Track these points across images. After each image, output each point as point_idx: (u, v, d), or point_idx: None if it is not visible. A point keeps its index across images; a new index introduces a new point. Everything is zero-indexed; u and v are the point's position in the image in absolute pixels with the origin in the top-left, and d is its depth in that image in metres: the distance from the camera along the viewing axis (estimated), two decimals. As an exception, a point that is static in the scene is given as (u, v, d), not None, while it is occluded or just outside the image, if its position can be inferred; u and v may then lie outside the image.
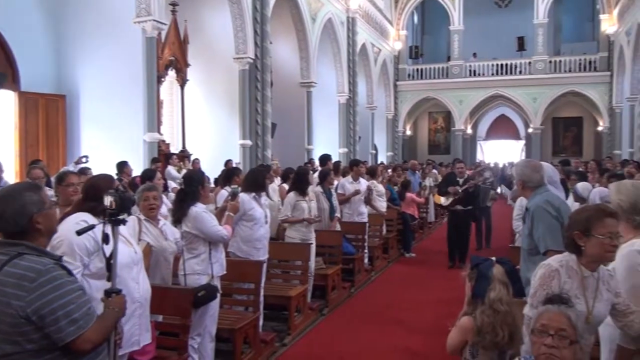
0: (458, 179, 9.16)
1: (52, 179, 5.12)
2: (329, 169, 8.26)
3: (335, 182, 8.37)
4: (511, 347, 2.67)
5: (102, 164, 8.49)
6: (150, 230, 3.95)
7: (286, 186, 7.66)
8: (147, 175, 6.00)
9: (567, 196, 5.55)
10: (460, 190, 8.90)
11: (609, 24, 23.39)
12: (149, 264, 3.90)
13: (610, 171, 7.82)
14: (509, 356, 2.70)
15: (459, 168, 9.58)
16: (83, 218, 2.87)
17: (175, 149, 12.20)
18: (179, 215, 4.23)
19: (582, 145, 28.25)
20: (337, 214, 7.61)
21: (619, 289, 2.52)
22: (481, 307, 2.68)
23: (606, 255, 2.46)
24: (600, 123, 25.55)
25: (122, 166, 8.41)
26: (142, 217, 4.00)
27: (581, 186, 5.78)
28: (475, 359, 2.74)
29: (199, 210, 4.20)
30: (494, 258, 2.81)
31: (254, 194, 5.22)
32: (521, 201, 5.41)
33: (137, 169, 8.79)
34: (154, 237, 3.95)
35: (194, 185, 4.29)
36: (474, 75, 26.62)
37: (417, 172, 13.86)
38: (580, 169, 10.04)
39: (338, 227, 7.51)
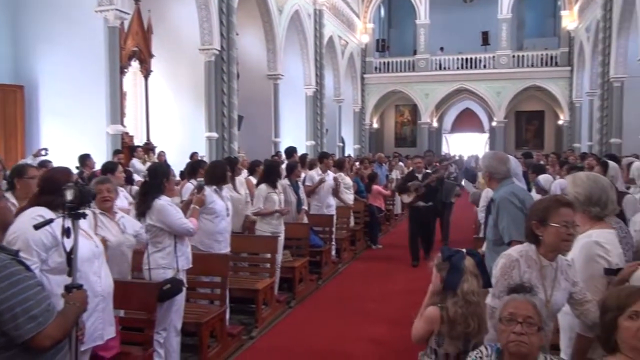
0: (417, 174, 8.83)
1: (7, 172, 4.96)
2: (296, 162, 8.25)
3: (303, 175, 8.37)
4: (477, 336, 2.73)
5: (63, 157, 8.27)
6: (106, 223, 3.86)
7: (253, 179, 7.61)
8: (108, 168, 5.83)
9: (529, 188, 5.68)
10: (422, 186, 8.59)
11: (569, 20, 23.97)
12: (106, 258, 3.83)
13: (570, 164, 8.05)
14: (473, 345, 2.76)
15: (417, 163, 9.17)
16: (39, 212, 2.78)
17: (139, 141, 11.98)
18: (143, 208, 4.16)
19: (543, 138, 28.96)
20: (305, 207, 7.61)
21: (577, 279, 2.60)
22: (453, 299, 2.71)
23: (562, 244, 2.52)
24: (561, 117, 26.23)
25: (85, 159, 8.21)
26: (97, 210, 3.91)
27: (543, 178, 5.95)
28: (441, 348, 2.79)
29: (164, 202, 4.14)
30: (464, 250, 2.85)
31: (214, 186, 5.17)
32: (487, 192, 5.51)
33: (100, 161, 8.58)
34: (109, 231, 3.87)
35: (158, 178, 4.22)
36: (440, 69, 26.94)
37: (384, 164, 13.97)
38: (542, 162, 10.30)
39: (305, 220, 7.52)
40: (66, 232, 2.35)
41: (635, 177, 5.66)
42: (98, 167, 7.98)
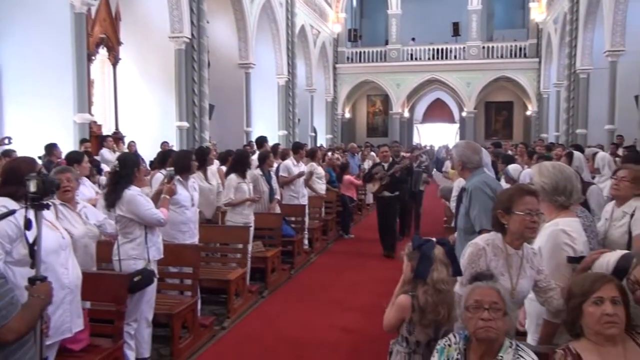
0: (383, 164, 8.64)
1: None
2: (268, 152, 8.21)
3: (275, 165, 8.34)
4: (447, 324, 2.77)
5: (27, 146, 8.07)
6: (66, 215, 3.78)
7: (224, 168, 7.54)
8: (73, 158, 5.67)
9: (497, 178, 5.77)
10: (386, 175, 8.38)
11: (538, 11, 24.33)
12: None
13: (538, 153, 8.22)
14: (443, 332, 2.80)
15: (383, 152, 8.91)
16: (3, 203, 2.71)
17: (108, 130, 11.74)
18: (112, 198, 4.08)
19: (512, 128, 29.47)
20: (277, 197, 7.59)
21: (542, 267, 2.66)
22: (423, 287, 2.75)
23: (527, 232, 2.57)
24: (529, 107, 26.71)
25: (51, 148, 8.02)
26: (57, 201, 3.82)
27: (512, 168, 6.07)
28: (412, 336, 2.83)
29: (134, 193, 4.08)
30: (434, 239, 2.88)
31: (178, 176, 5.10)
32: (459, 182, 5.58)
33: (67, 151, 8.40)
34: (70, 222, 3.78)
35: (128, 168, 4.14)
36: (411, 59, 27.09)
37: (356, 154, 14.01)
38: (510, 152, 10.48)
39: (278, 210, 7.50)
40: (27, 223, 2.28)
41: (600, 167, 5.82)
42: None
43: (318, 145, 20.40)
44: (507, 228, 2.59)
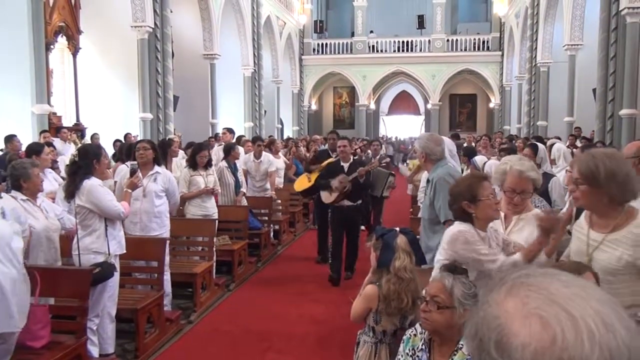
0: (342, 164, 6.49)
1: None
2: (233, 144, 8.13)
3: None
4: (412, 312, 2.82)
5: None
6: (29, 209, 3.68)
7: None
8: (34, 150, 5.49)
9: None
10: (349, 180, 6.31)
11: (500, 5, 24.73)
12: (27, 246, 3.67)
13: (504, 144, 8.46)
14: (410, 321, 2.85)
15: (341, 147, 6.57)
16: None
17: (68, 122, 11.42)
18: (71, 188, 3.98)
19: (476, 120, 29.95)
20: (243, 189, 7.53)
21: (506, 238, 2.77)
22: (387, 276, 2.80)
23: (494, 213, 2.67)
24: (492, 100, 27.20)
25: (9, 140, 7.79)
26: (18, 195, 3.71)
27: (479, 159, 6.22)
28: (378, 325, 2.86)
29: (94, 183, 3.99)
30: (397, 228, 2.92)
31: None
32: (427, 174, 5.64)
33: (25, 143, 8.15)
34: (33, 217, 3.69)
35: (88, 159, 4.06)
36: (377, 51, 27.21)
37: (322, 145, 13.98)
38: (473, 144, 10.69)
39: (244, 202, 7.45)
40: None
41: (556, 158, 5.99)
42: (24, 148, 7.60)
43: (285, 137, 20.32)
44: (474, 216, 2.64)
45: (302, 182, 7.63)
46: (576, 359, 0.64)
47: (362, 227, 7.26)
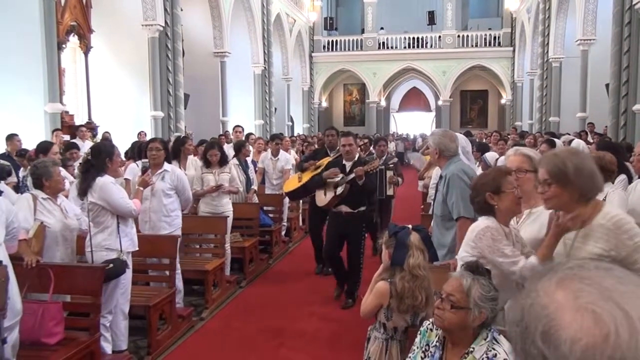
0: (344, 162, 5.56)
1: None
2: (244, 141, 8.14)
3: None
4: (424, 309, 2.81)
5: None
6: (48, 207, 3.71)
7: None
8: (42, 148, 5.56)
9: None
10: (346, 181, 5.35)
11: (512, 0, 24.52)
12: (43, 244, 3.70)
13: (515, 141, 8.39)
14: (421, 318, 2.84)
15: (345, 146, 5.53)
16: None
17: (80, 120, 11.51)
18: (84, 186, 4.02)
19: (487, 117, 29.78)
20: (254, 187, 7.55)
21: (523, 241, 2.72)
22: (401, 274, 2.79)
23: (517, 208, 2.64)
24: (504, 96, 27.02)
25: (10, 138, 8.01)
26: (39, 194, 3.75)
27: (490, 156, 6.18)
28: (389, 322, 2.86)
29: (106, 180, 4.02)
30: (410, 226, 2.91)
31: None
32: (438, 171, 5.60)
33: (38, 141, 8.24)
34: (52, 215, 3.72)
35: (101, 157, 4.09)
36: (387, 48, 27.12)
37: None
38: (484, 140, 10.62)
39: (255, 200, 7.47)
40: None
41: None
42: (25, 146, 7.74)
43: (295, 134, 20.33)
44: (497, 208, 2.57)
45: (292, 182, 6.45)
46: (628, 359, 0.62)
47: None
